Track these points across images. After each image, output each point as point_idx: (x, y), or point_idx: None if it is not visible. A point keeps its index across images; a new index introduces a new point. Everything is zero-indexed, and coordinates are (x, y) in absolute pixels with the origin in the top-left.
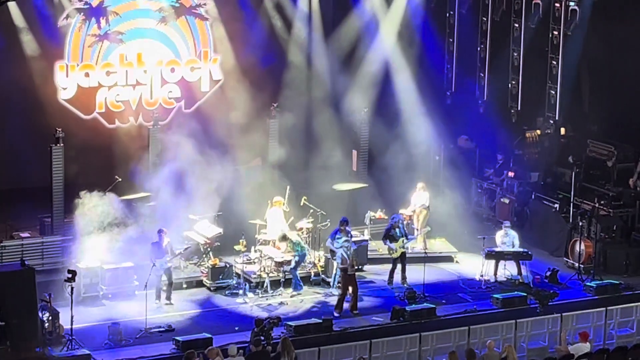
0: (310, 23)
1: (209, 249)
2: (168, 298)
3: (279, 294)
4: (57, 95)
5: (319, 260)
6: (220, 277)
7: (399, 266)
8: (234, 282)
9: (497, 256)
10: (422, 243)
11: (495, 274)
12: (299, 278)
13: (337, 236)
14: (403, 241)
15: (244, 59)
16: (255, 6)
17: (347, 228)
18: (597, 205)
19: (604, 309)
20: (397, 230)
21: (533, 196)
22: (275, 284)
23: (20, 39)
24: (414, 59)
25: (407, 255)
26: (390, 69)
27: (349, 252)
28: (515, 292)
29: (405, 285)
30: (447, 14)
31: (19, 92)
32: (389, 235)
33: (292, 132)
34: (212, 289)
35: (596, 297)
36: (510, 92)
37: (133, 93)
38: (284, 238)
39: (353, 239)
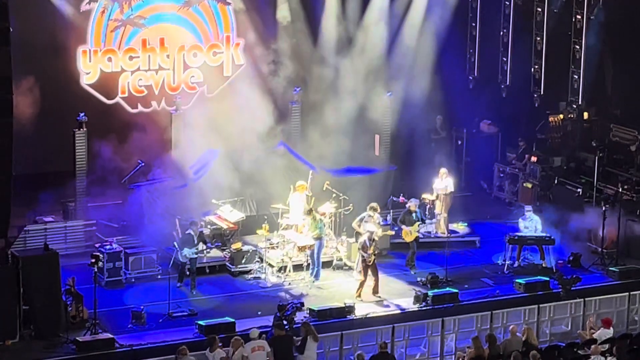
0: (332, 6)
1: (231, 234)
2: (193, 287)
3: (302, 278)
4: (80, 80)
5: (342, 245)
6: (243, 261)
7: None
8: (257, 266)
9: (520, 241)
10: (444, 228)
11: (518, 258)
12: (320, 265)
13: (365, 220)
14: (419, 225)
15: (267, 43)
16: None
17: (375, 214)
18: (620, 190)
19: (627, 293)
20: (413, 214)
21: (556, 181)
22: (298, 268)
23: (43, 24)
24: (437, 43)
25: (430, 240)
26: (413, 54)
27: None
28: (538, 277)
29: (412, 271)
30: None
31: (42, 77)
32: (405, 218)
33: (315, 116)
34: (235, 273)
35: (619, 282)
36: (533, 76)
37: (156, 78)
38: (309, 212)
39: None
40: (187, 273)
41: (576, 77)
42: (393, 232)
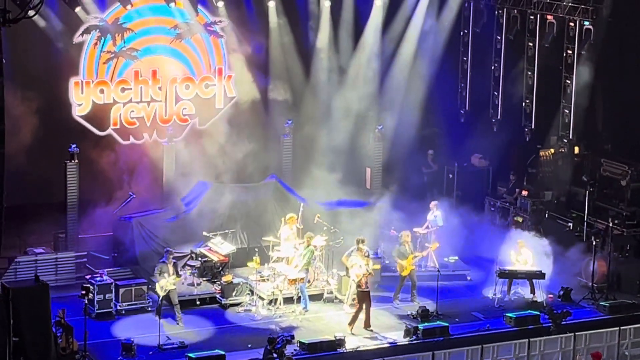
0: (323, 40)
1: (222, 266)
2: (179, 320)
3: (292, 311)
4: (72, 112)
5: (333, 278)
6: (234, 293)
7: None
8: (248, 299)
9: (510, 275)
10: (433, 261)
11: (509, 292)
12: (306, 295)
13: (353, 254)
14: (413, 258)
15: (258, 76)
16: (267, 23)
17: (364, 247)
18: (610, 224)
19: (617, 328)
20: (406, 247)
21: (547, 215)
22: (289, 301)
23: (37, 55)
24: (429, 77)
25: (420, 274)
26: (404, 87)
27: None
28: (528, 311)
29: (414, 302)
30: (462, 33)
31: (34, 108)
32: (398, 251)
33: (307, 148)
34: (225, 305)
35: (609, 316)
36: (524, 110)
37: (147, 110)
38: (309, 238)
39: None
40: (164, 306)
41: (567, 111)
42: (380, 265)
